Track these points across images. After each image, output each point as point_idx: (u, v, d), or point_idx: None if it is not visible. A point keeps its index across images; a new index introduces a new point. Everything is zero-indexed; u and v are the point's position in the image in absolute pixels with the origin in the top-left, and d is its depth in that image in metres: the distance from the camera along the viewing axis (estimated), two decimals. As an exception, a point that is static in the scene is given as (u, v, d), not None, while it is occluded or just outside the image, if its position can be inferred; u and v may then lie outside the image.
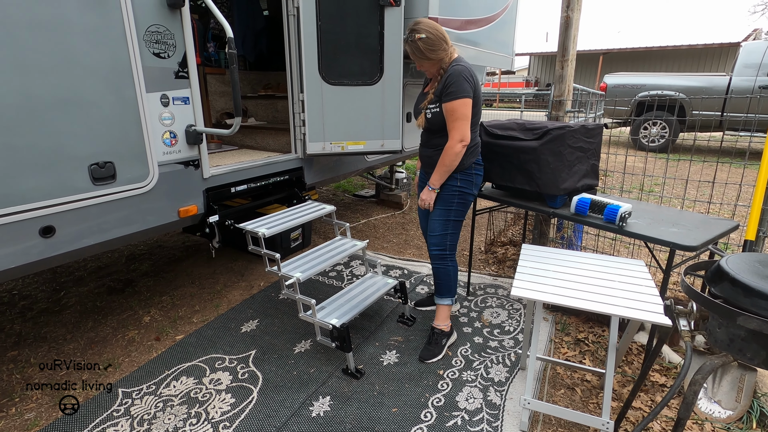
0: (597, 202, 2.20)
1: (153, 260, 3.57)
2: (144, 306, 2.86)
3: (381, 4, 2.77)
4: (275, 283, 3.11)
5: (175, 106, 2.16)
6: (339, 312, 2.25)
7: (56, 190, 1.77)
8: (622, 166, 3.61)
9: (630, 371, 2.20)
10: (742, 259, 1.27)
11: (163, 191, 2.18)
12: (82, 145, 1.82)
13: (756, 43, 7.76)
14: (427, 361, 2.26)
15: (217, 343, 2.43)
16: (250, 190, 2.78)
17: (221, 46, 4.23)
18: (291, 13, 2.70)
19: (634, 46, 18.30)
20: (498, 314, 2.72)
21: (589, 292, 1.67)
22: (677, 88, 7.97)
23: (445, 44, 2.07)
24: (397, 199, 5.11)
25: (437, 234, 2.29)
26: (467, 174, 2.21)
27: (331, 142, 2.96)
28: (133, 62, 1.94)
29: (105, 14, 1.81)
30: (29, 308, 2.87)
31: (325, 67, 2.78)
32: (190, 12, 2.15)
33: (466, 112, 2.05)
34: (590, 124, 2.44)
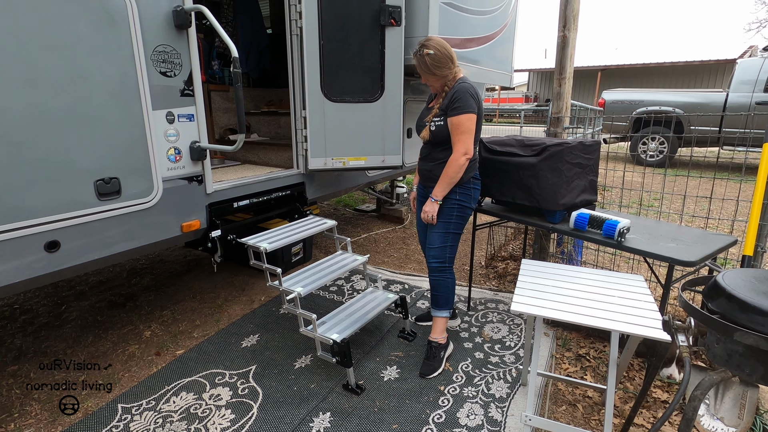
0: (595, 217, 2.22)
1: (154, 274, 3.58)
2: (145, 320, 2.86)
3: (382, 23, 2.84)
4: (276, 297, 3.12)
5: (180, 123, 2.21)
6: (340, 327, 2.25)
7: (62, 205, 1.79)
8: (620, 181, 3.65)
9: (632, 387, 2.19)
10: (738, 275, 1.28)
11: (166, 206, 2.21)
12: (89, 161, 1.86)
13: (752, 60, 7.88)
14: (428, 376, 2.25)
15: (218, 358, 2.43)
16: (252, 205, 2.80)
17: (225, 64, 4.32)
18: (294, 33, 2.77)
19: (631, 63, 18.59)
20: (499, 329, 2.72)
21: (588, 308, 1.67)
22: (675, 104, 8.07)
23: (451, 63, 2.14)
24: (398, 213, 5.14)
25: (437, 246, 2.31)
26: (466, 188, 2.25)
27: (332, 157, 3.00)
28: (141, 80, 1.99)
29: (115, 34, 1.86)
30: (30, 322, 2.87)
31: (327, 85, 2.84)
32: (195, 32, 2.22)
33: (471, 127, 2.12)
34: (588, 141, 2.48)
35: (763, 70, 7.40)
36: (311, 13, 2.68)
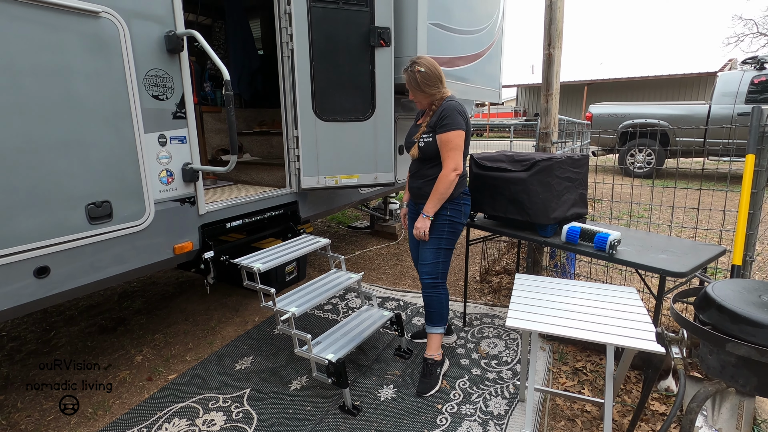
0: (587, 230, 2.24)
1: (146, 297, 3.54)
2: (136, 345, 2.81)
3: (372, 44, 2.89)
4: (270, 317, 3.09)
5: (172, 146, 2.21)
6: (335, 347, 2.23)
7: (53, 231, 1.78)
8: (610, 193, 3.71)
9: (629, 400, 2.18)
10: (728, 286, 1.30)
11: (158, 229, 2.19)
12: (80, 185, 1.85)
13: (731, 73, 8.12)
14: (425, 394, 2.23)
15: (211, 381, 2.38)
16: (245, 225, 2.80)
17: (217, 86, 4.36)
18: (285, 55, 2.82)
19: (617, 77, 19.03)
20: (495, 345, 2.71)
21: (582, 321, 1.68)
22: (660, 116, 8.26)
23: (440, 83, 2.20)
24: (392, 229, 5.15)
25: (429, 262, 2.31)
26: (456, 203, 2.27)
27: (325, 176, 3.01)
28: (133, 104, 2.00)
29: (107, 60, 1.88)
30: (18, 350, 2.81)
31: (318, 105, 2.88)
32: (188, 55, 2.24)
33: (460, 143, 2.16)
34: (576, 155, 2.52)
35: (743, 82, 7.63)
36: (302, 35, 2.73)
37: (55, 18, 1.71)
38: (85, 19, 1.79)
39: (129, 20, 1.94)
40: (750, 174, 2.09)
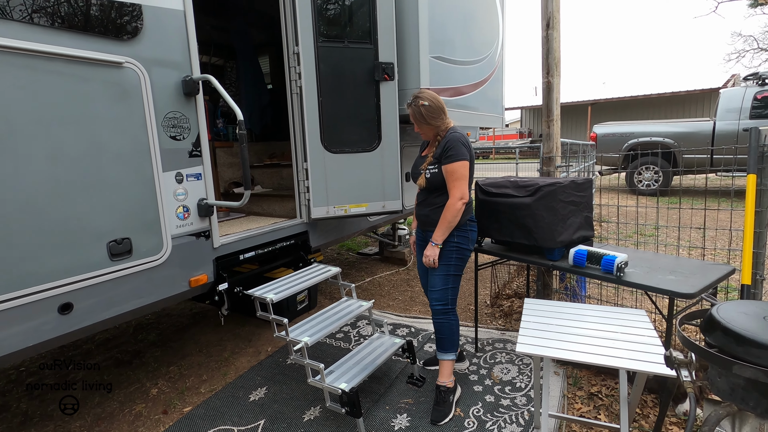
0: (593, 253, 2.27)
1: (160, 329, 3.59)
2: (151, 378, 2.85)
3: (376, 79, 3.02)
4: (283, 347, 3.11)
5: (188, 183, 2.32)
6: (348, 375, 2.24)
7: (76, 268, 1.86)
8: (616, 213, 3.74)
9: (647, 425, 2.15)
10: (733, 307, 1.31)
11: (175, 263, 2.27)
12: (103, 224, 1.94)
13: (734, 89, 8.19)
14: (439, 423, 2.22)
15: (226, 413, 2.40)
16: (257, 256, 2.87)
17: (229, 122, 4.53)
18: (294, 92, 2.95)
19: (620, 96, 19.22)
20: (508, 370, 2.69)
21: (593, 345, 1.69)
22: (665, 134, 8.31)
23: (443, 114, 2.30)
24: (401, 255, 5.18)
25: (439, 289, 2.35)
26: (463, 230, 2.32)
27: (334, 206, 3.09)
28: (152, 145, 2.11)
29: (129, 106, 2.01)
30: (36, 386, 2.85)
31: (326, 137, 2.99)
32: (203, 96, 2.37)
33: (465, 173, 2.24)
34: (579, 179, 2.57)
35: (746, 98, 7.69)
36: (310, 73, 2.87)
37: (83, 70, 1.84)
38: (110, 69, 1.93)
39: (149, 68, 2.08)
40: (752, 194, 2.12)
